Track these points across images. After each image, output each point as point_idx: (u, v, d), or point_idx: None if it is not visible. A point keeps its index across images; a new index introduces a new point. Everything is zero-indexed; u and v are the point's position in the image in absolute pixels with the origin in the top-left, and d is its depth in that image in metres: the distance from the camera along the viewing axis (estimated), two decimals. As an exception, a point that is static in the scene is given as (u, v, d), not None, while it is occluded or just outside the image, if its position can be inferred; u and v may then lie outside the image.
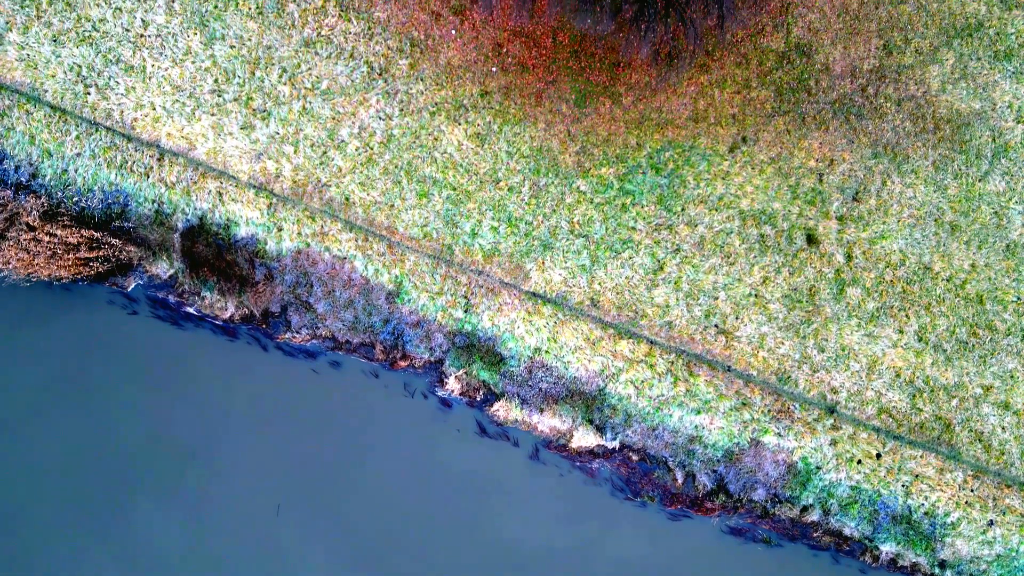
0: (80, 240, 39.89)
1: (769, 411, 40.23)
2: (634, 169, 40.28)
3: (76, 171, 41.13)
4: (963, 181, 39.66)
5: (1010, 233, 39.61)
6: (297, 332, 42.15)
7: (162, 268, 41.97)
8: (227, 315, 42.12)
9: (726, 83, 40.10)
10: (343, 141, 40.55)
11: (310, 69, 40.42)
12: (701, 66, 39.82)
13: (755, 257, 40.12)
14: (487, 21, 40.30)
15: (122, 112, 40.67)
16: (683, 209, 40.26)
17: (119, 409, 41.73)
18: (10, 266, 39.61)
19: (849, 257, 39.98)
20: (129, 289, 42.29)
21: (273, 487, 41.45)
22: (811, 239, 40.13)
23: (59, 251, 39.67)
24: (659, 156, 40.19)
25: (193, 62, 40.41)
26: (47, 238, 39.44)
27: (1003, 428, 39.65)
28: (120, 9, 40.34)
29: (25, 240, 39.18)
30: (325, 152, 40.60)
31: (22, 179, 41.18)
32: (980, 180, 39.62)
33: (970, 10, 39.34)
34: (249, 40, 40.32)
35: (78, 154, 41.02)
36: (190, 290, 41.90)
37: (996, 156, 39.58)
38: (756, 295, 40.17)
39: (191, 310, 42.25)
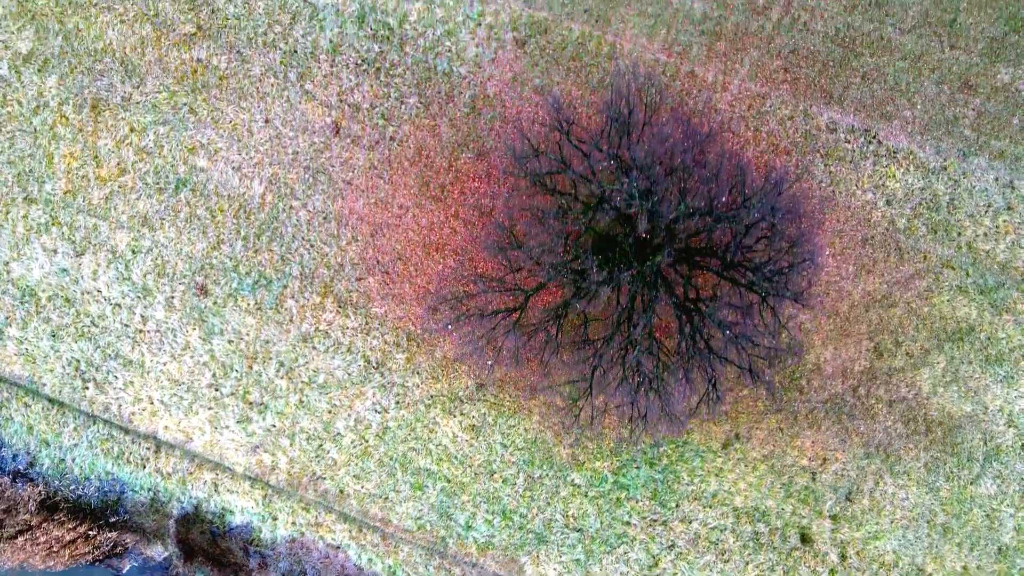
0: (76, 536, 40.00)
1: None
2: (628, 463, 40.51)
3: (73, 460, 41.38)
4: (955, 483, 39.87)
5: (1002, 536, 39.75)
6: (291, 615, 42.16)
7: (157, 551, 42.07)
8: (221, 597, 42.14)
9: (718, 380, 40.42)
10: (339, 434, 40.84)
11: (307, 363, 40.81)
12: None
13: (749, 555, 40.23)
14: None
15: (120, 405, 40.99)
16: (677, 505, 40.43)
17: None
18: (5, 567, 39.65)
19: (843, 557, 40.07)
20: (124, 571, 42.34)
21: None
22: (805, 538, 40.26)
23: (55, 548, 39.76)
24: (653, 451, 40.43)
25: (191, 356, 40.81)
26: (43, 536, 39.56)
27: None
28: (119, 305, 40.81)
29: (22, 541, 39.28)
30: (321, 445, 40.86)
31: (20, 467, 41.42)
32: (972, 483, 39.83)
33: (961, 315, 39.77)
34: (247, 335, 40.75)
35: (75, 444, 41.30)
36: (184, 574, 41.92)
37: (988, 459, 39.83)
38: (750, 593, 40.27)
39: (185, 592, 42.29)
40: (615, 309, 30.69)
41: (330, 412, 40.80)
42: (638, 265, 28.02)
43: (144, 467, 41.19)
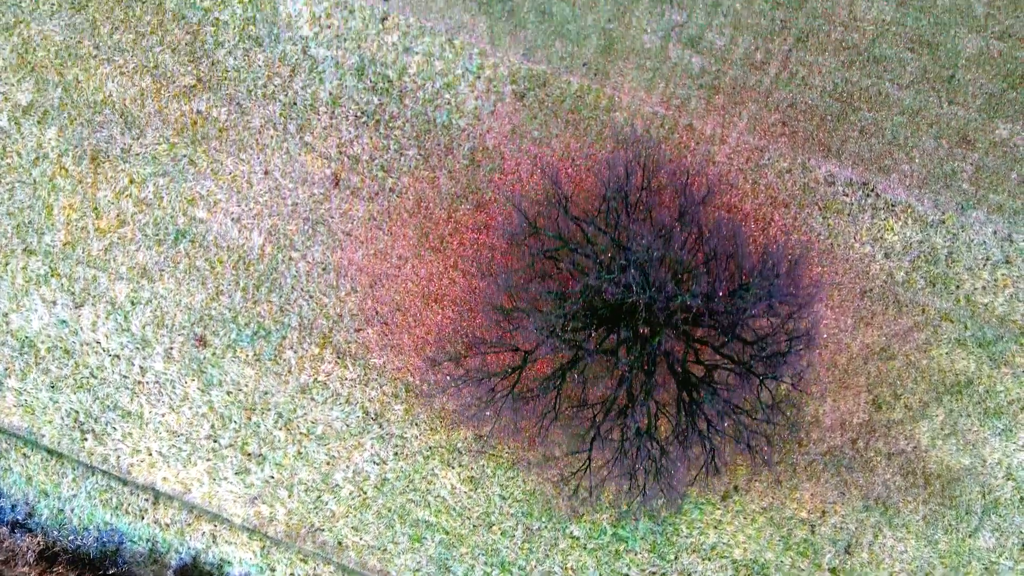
0: (74, 587, 40.01)
1: None
2: (627, 515, 40.46)
3: (72, 511, 41.39)
4: (953, 536, 39.84)
5: (1002, 589, 39.73)
6: (289, 665, 42.10)
7: (155, 601, 42.04)
8: (219, 647, 42.09)
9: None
10: (337, 485, 40.83)
11: (306, 414, 40.83)
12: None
13: (747, 607, 40.19)
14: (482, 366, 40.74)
15: (118, 457, 41.01)
16: (676, 557, 40.39)
17: None
18: (3, 621, 39.66)
19: (841, 610, 40.06)
20: (122, 621, 42.31)
21: None
22: (803, 591, 40.22)
23: (53, 601, 39.75)
24: (652, 504, 40.35)
25: (190, 408, 40.83)
26: (41, 589, 39.57)
27: None
28: (118, 357, 40.85)
29: (20, 594, 39.28)
30: (319, 496, 40.85)
31: (18, 518, 41.43)
32: (970, 536, 39.80)
33: (959, 367, 39.76)
34: (246, 386, 40.77)
35: (74, 495, 41.31)
36: (183, 624, 41.92)
37: (986, 512, 39.80)
38: (749, 646, 40.20)
39: (183, 642, 42.23)
40: (614, 385, 30.72)
41: (328, 463, 40.80)
42: (637, 349, 28.14)
43: (142, 518, 41.19)
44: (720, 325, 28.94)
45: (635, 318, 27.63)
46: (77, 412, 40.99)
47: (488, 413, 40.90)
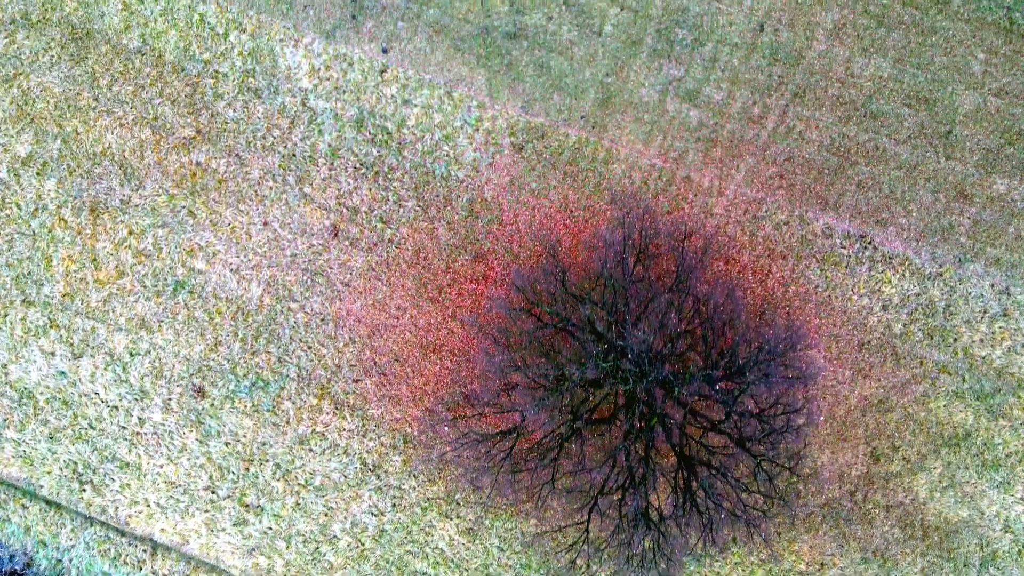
0: (71, 640, 39.99)
1: None
2: (625, 568, 40.36)
3: (71, 561, 41.38)
4: (952, 589, 39.85)
5: (1000, 642, 39.68)
6: None
7: (153, 651, 42.01)
8: None
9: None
10: (335, 536, 40.83)
11: (304, 465, 40.84)
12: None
13: (746, 660, 40.14)
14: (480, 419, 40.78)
15: (117, 508, 41.02)
16: (674, 609, 40.31)
17: None
18: (0, 672, 39.68)
19: (840, 662, 39.99)
20: (120, 671, 42.27)
21: None
22: (801, 643, 40.18)
23: (50, 652, 39.75)
24: (650, 552, 40.31)
25: (188, 459, 40.85)
26: (38, 641, 39.56)
27: None
28: (116, 408, 40.88)
29: (16, 647, 39.30)
30: (317, 547, 40.85)
31: (17, 567, 41.42)
32: (969, 589, 39.81)
33: (957, 420, 39.78)
34: (244, 437, 40.79)
35: (72, 546, 41.31)
36: (181, 674, 41.89)
37: (984, 565, 39.78)
38: None
39: None
40: (611, 463, 30.76)
41: (326, 515, 40.80)
42: (635, 435, 28.22)
43: (140, 569, 41.19)
44: (717, 402, 29.01)
45: (633, 404, 27.68)
46: (75, 463, 41.02)
47: (485, 478, 40.86)
